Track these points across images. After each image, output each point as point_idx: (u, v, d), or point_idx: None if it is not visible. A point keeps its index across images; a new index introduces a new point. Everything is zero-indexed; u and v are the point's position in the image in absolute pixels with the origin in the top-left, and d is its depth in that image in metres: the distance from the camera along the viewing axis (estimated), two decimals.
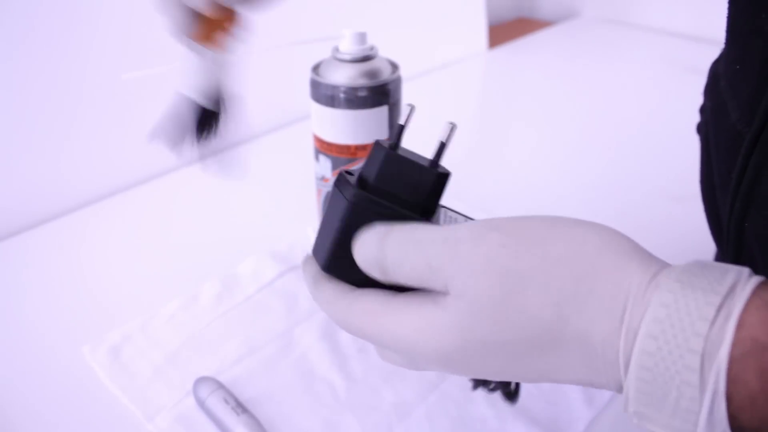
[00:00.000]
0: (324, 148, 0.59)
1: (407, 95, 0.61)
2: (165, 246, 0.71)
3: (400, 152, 0.32)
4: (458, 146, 0.90)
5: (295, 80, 0.68)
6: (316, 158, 0.61)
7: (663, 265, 0.28)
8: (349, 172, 0.33)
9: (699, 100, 0.55)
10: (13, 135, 0.72)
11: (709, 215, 0.51)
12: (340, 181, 0.32)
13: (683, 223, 0.72)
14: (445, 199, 0.34)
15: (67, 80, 0.73)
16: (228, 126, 0.37)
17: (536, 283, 0.27)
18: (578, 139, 0.95)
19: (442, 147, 0.32)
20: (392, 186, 0.32)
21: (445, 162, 0.33)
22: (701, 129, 0.52)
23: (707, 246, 0.56)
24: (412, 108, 0.32)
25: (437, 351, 0.29)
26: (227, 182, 0.83)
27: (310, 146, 0.62)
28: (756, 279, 0.26)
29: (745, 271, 0.26)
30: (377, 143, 0.32)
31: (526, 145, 0.95)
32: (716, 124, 0.47)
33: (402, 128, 0.32)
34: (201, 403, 0.51)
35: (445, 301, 0.29)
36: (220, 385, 0.52)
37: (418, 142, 0.63)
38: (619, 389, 0.27)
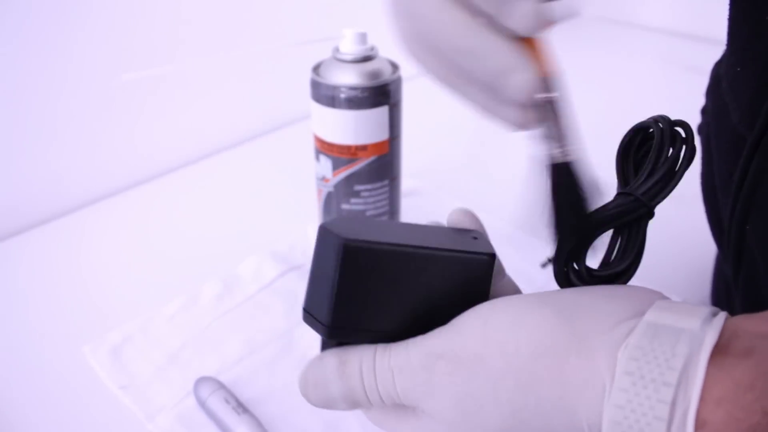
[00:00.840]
0: (324, 148, 0.59)
1: (408, 96, 0.61)
2: (166, 246, 0.71)
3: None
4: (459, 146, 0.90)
5: (296, 80, 0.68)
6: (317, 158, 0.61)
7: (608, 343, 0.27)
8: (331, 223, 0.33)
9: (699, 99, 0.55)
10: (12, 135, 0.72)
11: (710, 216, 0.51)
12: (324, 231, 0.32)
13: (683, 222, 0.72)
14: (449, 199, 0.34)
15: (66, 80, 0.73)
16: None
17: (488, 401, 0.29)
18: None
19: None
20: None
21: (445, 163, 0.33)
22: (702, 130, 0.52)
23: (707, 246, 0.56)
24: None
25: None
26: (228, 182, 0.83)
27: (310, 146, 0.62)
28: (706, 350, 0.25)
29: (696, 333, 0.26)
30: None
31: (526, 143, 0.94)
32: (717, 126, 0.47)
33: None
34: (202, 403, 0.51)
35: (423, 417, 0.31)
36: (221, 385, 0.52)
37: (417, 143, 0.63)
38: None
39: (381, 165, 0.59)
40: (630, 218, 0.33)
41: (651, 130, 0.34)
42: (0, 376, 0.55)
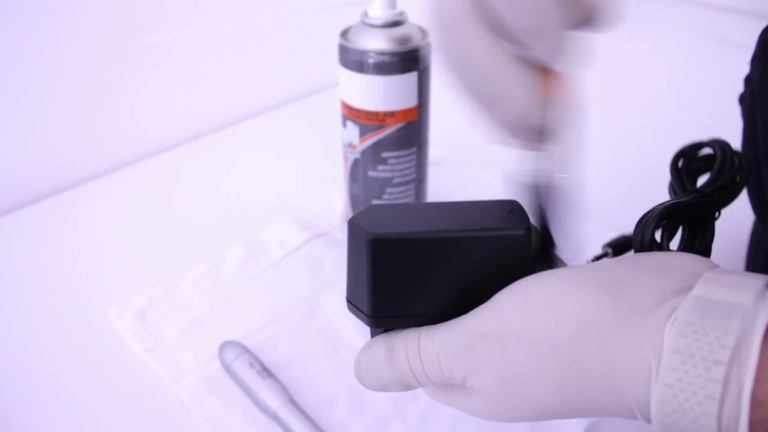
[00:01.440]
0: (352, 114, 0.58)
1: (437, 62, 0.60)
2: (192, 212, 0.71)
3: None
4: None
5: (324, 46, 0.67)
6: (344, 125, 0.60)
7: (653, 319, 0.26)
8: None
9: (732, 72, 0.53)
10: (34, 100, 0.72)
11: (751, 189, 0.50)
12: (354, 226, 0.32)
13: None
14: (476, 169, 0.33)
15: (86, 43, 0.73)
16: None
17: (532, 379, 0.29)
18: (605, 112, 0.93)
19: None
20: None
21: (474, 133, 0.32)
22: (745, 99, 0.50)
23: (742, 220, 0.55)
24: None
25: (485, 418, 0.32)
26: (254, 149, 0.83)
27: (337, 113, 0.62)
28: (761, 325, 0.24)
29: (749, 309, 0.25)
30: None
31: None
32: (765, 95, 0.45)
33: None
34: (227, 367, 0.51)
35: (471, 393, 0.31)
36: (246, 350, 0.52)
37: (445, 111, 0.62)
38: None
39: (409, 132, 0.59)
40: (703, 213, 0.35)
41: (705, 149, 0.38)
42: (29, 338, 0.56)
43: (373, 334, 0.34)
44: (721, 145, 0.37)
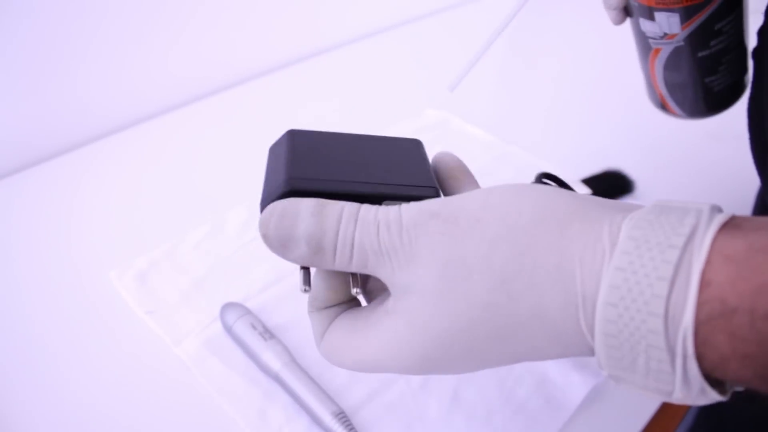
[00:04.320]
0: (665, 3, 0.51)
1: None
2: (192, 173, 0.70)
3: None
4: (487, 83, 0.87)
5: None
6: (648, 17, 0.52)
7: (612, 216, 0.26)
8: None
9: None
10: (43, 60, 0.71)
11: (755, 144, 0.49)
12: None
13: (720, 162, 0.70)
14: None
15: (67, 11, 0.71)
16: None
17: (479, 267, 0.27)
18: (608, 70, 0.91)
19: None
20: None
21: (484, 91, 0.31)
22: (757, 53, 0.49)
23: (747, 183, 0.54)
24: None
25: (407, 365, 0.29)
26: (253, 111, 0.82)
27: (338, 77, 0.60)
28: (717, 221, 0.24)
29: (705, 211, 0.24)
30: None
31: (557, 79, 0.91)
32: None
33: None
34: (228, 329, 0.51)
35: (395, 305, 0.28)
36: (248, 311, 0.51)
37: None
38: (592, 354, 0.26)
39: None
40: None
41: None
42: (28, 300, 0.55)
43: None
44: None
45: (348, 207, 0.29)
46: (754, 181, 0.54)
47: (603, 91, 0.85)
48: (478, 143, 0.75)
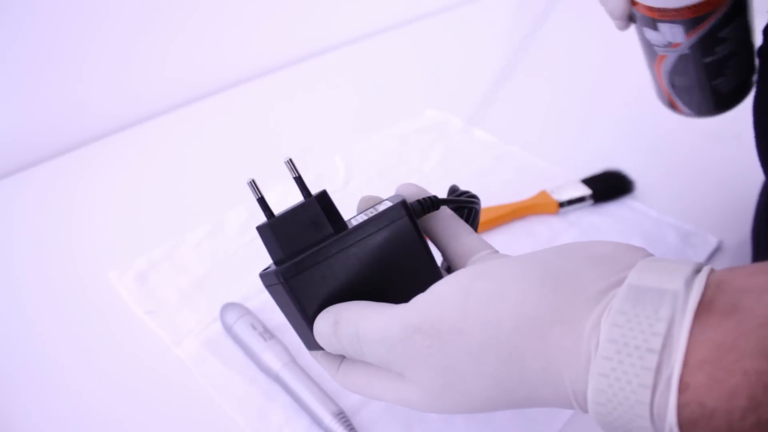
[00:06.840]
0: (668, 15, 0.51)
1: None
2: (191, 173, 0.71)
3: (277, 217, 0.35)
4: (487, 83, 0.87)
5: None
6: (652, 28, 0.52)
7: (591, 310, 0.27)
8: (265, 270, 0.36)
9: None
10: (41, 63, 0.71)
11: (761, 145, 0.49)
12: (266, 278, 0.35)
13: (720, 162, 0.69)
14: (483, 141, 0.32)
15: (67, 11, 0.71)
16: None
17: (470, 373, 0.29)
18: (608, 70, 0.92)
19: (299, 180, 0.36)
20: (300, 240, 0.34)
21: (484, 92, 0.31)
22: (763, 52, 0.49)
23: (750, 184, 0.54)
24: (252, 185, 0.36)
25: (421, 410, 0.32)
26: (254, 112, 0.82)
27: (337, 77, 0.60)
28: (691, 308, 0.25)
29: (680, 293, 0.25)
30: (258, 228, 0.35)
31: (557, 79, 0.91)
32: None
33: (261, 201, 0.36)
34: (228, 329, 0.51)
35: (407, 382, 0.31)
36: (248, 311, 0.51)
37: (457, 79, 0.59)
38: None
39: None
40: None
41: None
42: (28, 300, 0.55)
43: None
44: None
45: (350, 327, 0.32)
46: (754, 181, 0.54)
47: (603, 92, 0.85)
48: (478, 143, 0.75)
